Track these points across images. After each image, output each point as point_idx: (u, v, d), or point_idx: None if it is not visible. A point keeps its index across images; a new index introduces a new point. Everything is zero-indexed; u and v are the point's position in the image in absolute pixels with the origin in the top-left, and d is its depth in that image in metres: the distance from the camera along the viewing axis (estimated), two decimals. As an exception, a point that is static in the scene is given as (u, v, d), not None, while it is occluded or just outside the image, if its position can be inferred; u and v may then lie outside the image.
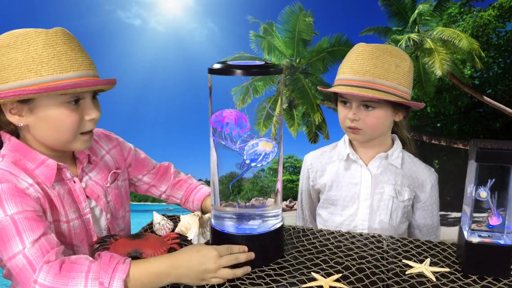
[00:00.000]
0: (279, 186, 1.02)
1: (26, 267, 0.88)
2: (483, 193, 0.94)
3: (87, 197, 1.12)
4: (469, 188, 0.97)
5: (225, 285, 0.92)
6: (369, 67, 1.28)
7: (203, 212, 1.29)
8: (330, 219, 1.45)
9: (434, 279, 0.95)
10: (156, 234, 1.17)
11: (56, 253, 0.91)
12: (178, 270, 0.91)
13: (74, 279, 0.86)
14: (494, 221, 0.96)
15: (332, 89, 1.35)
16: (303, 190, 1.56)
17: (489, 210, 0.96)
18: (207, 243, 1.10)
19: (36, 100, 0.99)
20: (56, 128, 1.01)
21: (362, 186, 1.40)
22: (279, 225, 1.02)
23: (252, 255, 0.98)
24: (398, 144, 1.43)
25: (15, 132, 1.07)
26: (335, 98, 1.41)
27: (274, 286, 0.92)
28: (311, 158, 1.52)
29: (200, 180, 1.44)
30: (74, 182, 1.10)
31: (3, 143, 1.05)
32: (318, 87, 1.51)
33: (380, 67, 1.27)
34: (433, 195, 1.42)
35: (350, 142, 1.45)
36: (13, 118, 1.01)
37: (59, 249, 0.93)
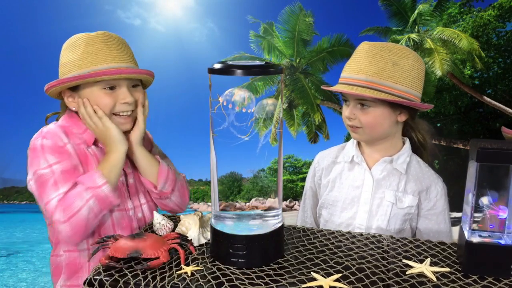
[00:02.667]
0: (279, 186, 1.02)
1: (55, 211, 1.13)
2: (485, 199, 0.94)
3: None
4: (470, 192, 0.97)
5: (224, 285, 0.91)
6: (363, 66, 1.27)
7: None
8: (330, 220, 1.44)
9: (435, 279, 0.95)
10: (156, 234, 1.17)
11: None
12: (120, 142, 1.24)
13: (76, 198, 1.13)
14: (502, 212, 0.94)
15: (331, 88, 1.35)
16: (308, 189, 1.55)
17: (491, 207, 0.96)
18: (207, 243, 1.11)
19: (81, 88, 1.25)
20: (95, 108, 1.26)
21: (363, 190, 1.38)
22: (279, 225, 1.02)
23: None
24: (406, 148, 1.38)
25: None
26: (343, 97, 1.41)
27: (274, 286, 0.91)
28: (319, 157, 1.52)
29: (200, 180, 1.46)
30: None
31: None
32: (322, 86, 1.51)
33: (374, 65, 1.25)
34: (439, 204, 1.37)
35: (358, 143, 1.43)
36: (69, 103, 1.29)
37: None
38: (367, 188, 1.38)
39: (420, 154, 1.43)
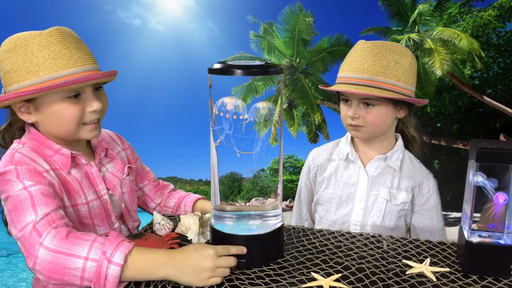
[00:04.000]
0: (279, 186, 1.02)
1: (33, 234, 0.91)
2: (479, 177, 0.93)
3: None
4: (469, 192, 0.97)
5: (224, 285, 0.92)
6: (367, 65, 1.28)
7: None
8: (325, 216, 1.45)
9: (434, 279, 0.95)
10: (156, 234, 1.17)
11: (65, 224, 0.95)
12: (174, 263, 0.91)
13: (79, 246, 0.89)
14: (501, 198, 0.94)
15: (332, 88, 1.35)
16: (302, 185, 1.55)
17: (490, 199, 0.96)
18: (207, 243, 1.10)
19: (39, 98, 1.07)
20: (59, 122, 1.09)
21: (359, 187, 1.39)
22: (279, 225, 1.02)
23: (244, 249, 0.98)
24: (399, 144, 1.41)
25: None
26: (338, 96, 1.41)
27: (274, 286, 0.91)
28: (313, 154, 1.52)
29: (200, 180, 1.46)
30: (91, 166, 1.18)
31: (25, 130, 1.14)
32: (320, 86, 1.51)
33: (378, 64, 1.27)
34: (431, 200, 1.39)
35: (352, 140, 1.45)
36: (23, 116, 1.10)
37: (69, 223, 0.97)
38: (362, 185, 1.39)
39: (411, 148, 1.46)
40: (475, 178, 0.94)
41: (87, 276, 0.87)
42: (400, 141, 1.42)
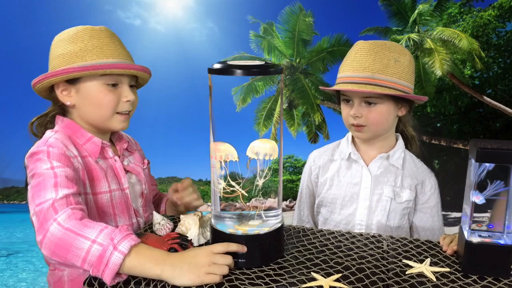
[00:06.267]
0: (279, 186, 1.02)
1: (50, 210, 0.94)
2: (479, 197, 0.94)
3: (127, 172, 1.28)
4: (469, 192, 0.97)
5: (224, 286, 0.91)
6: (368, 63, 1.29)
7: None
8: (329, 217, 1.45)
9: (434, 279, 0.95)
10: (156, 234, 1.17)
11: (81, 209, 0.98)
12: (173, 261, 0.91)
13: (89, 229, 0.91)
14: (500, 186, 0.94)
15: (333, 88, 1.35)
16: (304, 187, 1.55)
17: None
18: (207, 243, 1.10)
19: (81, 81, 1.17)
20: (97, 105, 1.19)
21: (362, 187, 1.40)
22: (279, 225, 1.02)
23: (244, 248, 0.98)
24: (400, 144, 1.42)
25: (64, 115, 1.25)
26: (338, 97, 1.41)
27: (274, 286, 0.91)
28: (314, 156, 1.52)
29: (200, 180, 1.48)
30: (115, 160, 1.25)
31: (56, 124, 1.22)
32: (320, 87, 1.51)
33: (379, 63, 1.28)
34: (433, 198, 1.41)
35: (353, 140, 1.45)
36: (64, 98, 1.19)
37: (85, 209, 1.01)
38: (366, 184, 1.39)
39: (410, 147, 1.48)
40: (473, 198, 0.94)
41: (89, 259, 0.88)
42: (401, 140, 1.43)
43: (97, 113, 1.19)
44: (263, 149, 0.96)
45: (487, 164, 0.92)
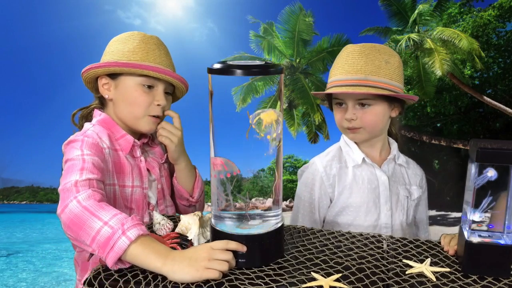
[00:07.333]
0: (279, 186, 1.02)
1: (73, 189, 1.00)
2: (491, 172, 0.92)
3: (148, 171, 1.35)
4: (469, 192, 0.97)
5: (224, 286, 0.91)
6: (360, 66, 1.29)
7: None
8: (352, 224, 1.39)
9: (434, 279, 0.95)
10: (156, 234, 1.17)
11: (101, 193, 1.03)
12: (174, 255, 0.92)
13: (104, 211, 0.94)
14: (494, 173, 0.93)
15: (326, 91, 1.35)
16: (312, 200, 1.42)
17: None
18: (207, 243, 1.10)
19: (121, 77, 1.27)
20: (130, 103, 1.27)
21: (381, 190, 1.40)
22: (279, 225, 1.02)
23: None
24: (395, 143, 1.46)
25: (102, 110, 1.34)
26: (330, 101, 1.41)
27: (274, 286, 0.91)
28: (322, 165, 1.41)
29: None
30: (141, 161, 1.33)
31: (94, 117, 1.31)
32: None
33: (371, 64, 1.29)
34: (425, 191, 1.49)
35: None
36: (103, 91, 1.29)
37: (104, 194, 1.06)
38: (384, 187, 1.40)
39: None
40: (487, 173, 0.93)
41: (98, 239, 0.91)
42: (393, 140, 1.47)
43: (130, 111, 1.28)
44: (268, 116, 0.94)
45: (489, 175, 0.93)
